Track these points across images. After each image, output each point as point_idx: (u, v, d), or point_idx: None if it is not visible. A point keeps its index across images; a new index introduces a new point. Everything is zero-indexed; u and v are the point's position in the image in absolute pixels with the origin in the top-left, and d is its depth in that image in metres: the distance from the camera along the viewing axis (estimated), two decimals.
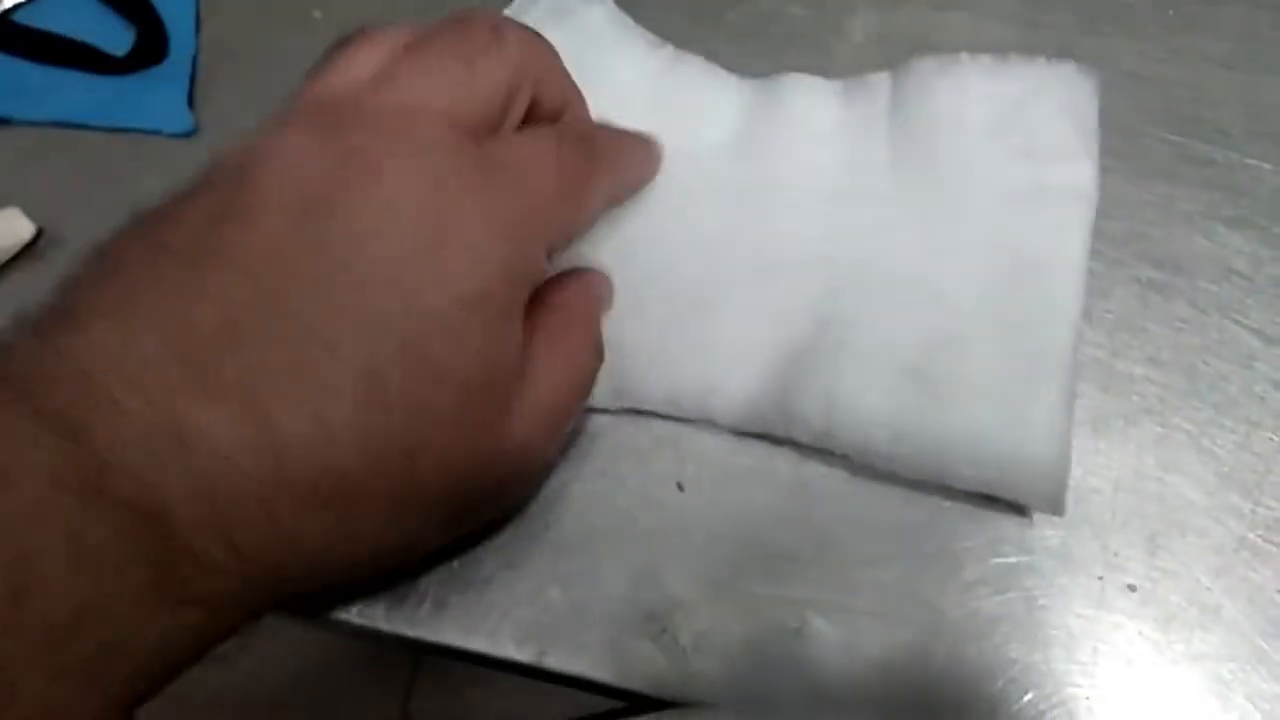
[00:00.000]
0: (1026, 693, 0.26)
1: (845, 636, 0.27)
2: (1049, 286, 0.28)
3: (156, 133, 0.35)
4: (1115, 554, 0.27)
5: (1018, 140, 0.30)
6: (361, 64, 0.25)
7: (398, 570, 0.28)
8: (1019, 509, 0.28)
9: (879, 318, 0.29)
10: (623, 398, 0.30)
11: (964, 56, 0.31)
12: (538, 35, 0.27)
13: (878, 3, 0.35)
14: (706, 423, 0.29)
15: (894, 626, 0.27)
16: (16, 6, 0.37)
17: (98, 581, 0.19)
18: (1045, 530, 0.28)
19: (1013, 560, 0.28)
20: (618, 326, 0.29)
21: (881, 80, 0.32)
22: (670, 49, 0.33)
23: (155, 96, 0.35)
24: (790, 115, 0.31)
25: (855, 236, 0.30)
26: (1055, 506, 0.27)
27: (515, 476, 0.26)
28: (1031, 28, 0.34)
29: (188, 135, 0.35)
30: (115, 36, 0.36)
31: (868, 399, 0.28)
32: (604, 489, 0.29)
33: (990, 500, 0.28)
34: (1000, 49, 0.33)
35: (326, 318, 0.21)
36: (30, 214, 0.34)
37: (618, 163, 0.29)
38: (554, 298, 0.27)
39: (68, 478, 0.19)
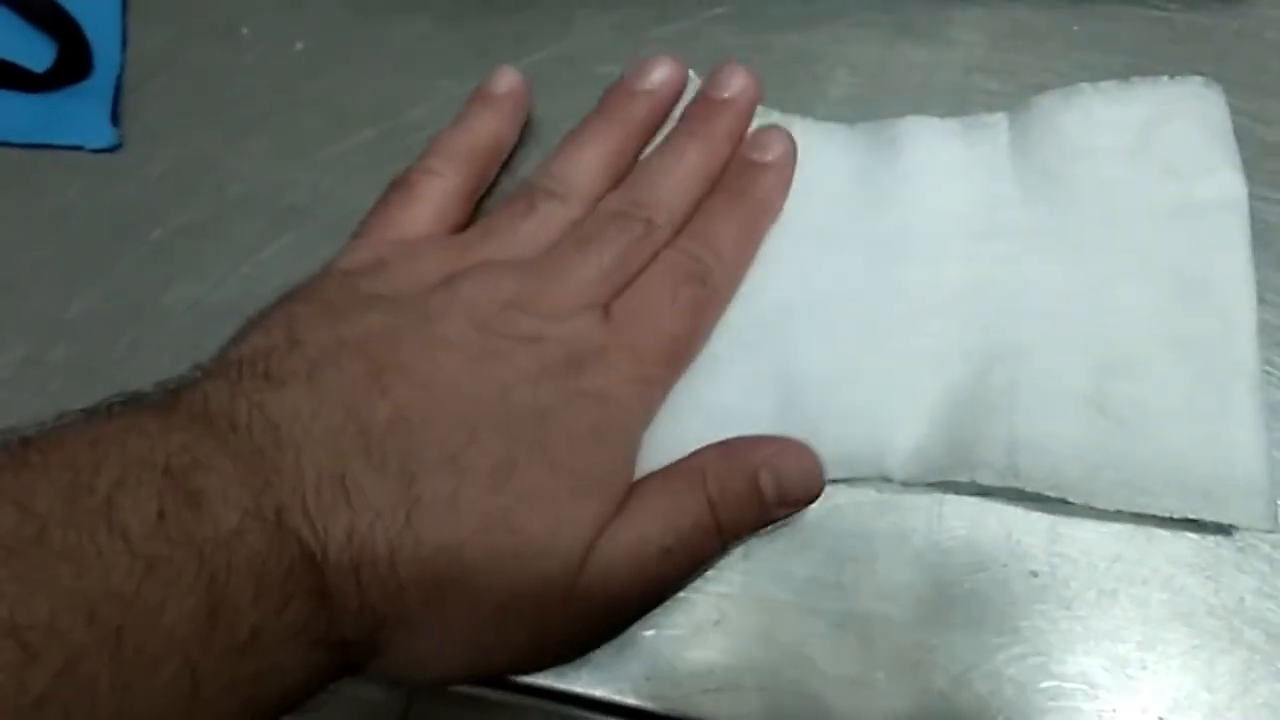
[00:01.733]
0: (933, 674, 0.27)
1: (763, 626, 0.28)
2: (1220, 300, 0.28)
3: (79, 148, 0.36)
4: (1018, 542, 0.28)
5: (1156, 161, 0.30)
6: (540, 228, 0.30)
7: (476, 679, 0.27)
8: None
9: (1044, 352, 0.28)
10: None
11: (1085, 86, 0.31)
12: None
13: (798, 23, 0.36)
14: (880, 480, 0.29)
15: (809, 616, 0.28)
16: None
17: (272, 609, 0.21)
18: (953, 521, 0.29)
19: (922, 549, 0.28)
20: (775, 400, 0.29)
21: (999, 119, 0.32)
22: (776, 114, 0.33)
23: (78, 112, 0.35)
24: (909, 161, 0.31)
25: (999, 273, 0.30)
26: (1268, 523, 0.26)
27: (595, 598, 0.26)
28: (942, 44, 0.36)
29: (111, 150, 0.36)
30: (38, 52, 0.36)
31: (1052, 436, 0.27)
32: None
33: (901, 489, 0.29)
34: (911, 66, 0.35)
35: (478, 420, 0.25)
36: None
37: (737, 265, 0.30)
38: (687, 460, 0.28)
39: (258, 512, 0.22)
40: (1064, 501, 0.27)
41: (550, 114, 0.35)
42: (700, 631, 0.28)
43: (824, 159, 0.32)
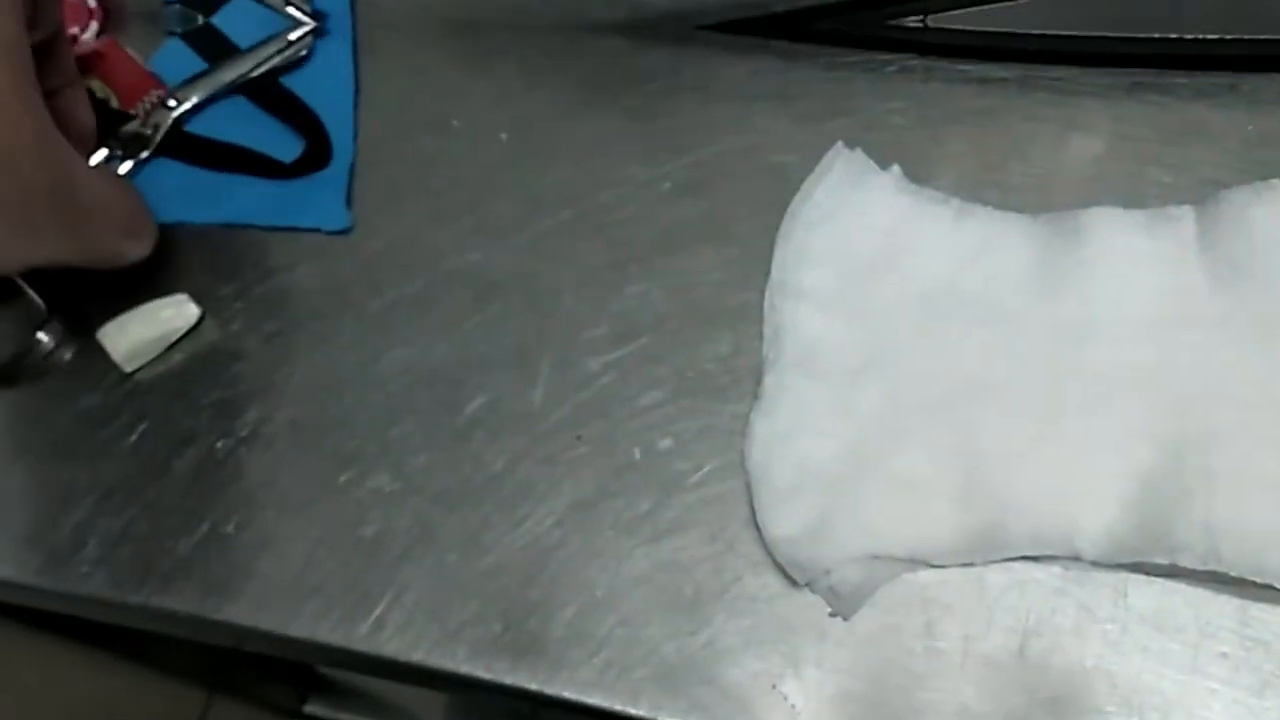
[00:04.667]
0: None
1: None
2: None
3: (316, 230, 0.39)
4: (1208, 622, 0.28)
5: None
6: None
7: None
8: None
9: (1239, 438, 0.29)
10: (989, 551, 0.30)
11: (1276, 182, 0.32)
12: None
13: (972, 116, 0.38)
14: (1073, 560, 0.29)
15: (1003, 691, 0.29)
16: (185, 115, 0.41)
17: None
18: (1137, 600, 0.29)
19: (1108, 627, 0.29)
20: (961, 475, 0.30)
21: (1185, 212, 0.33)
22: (957, 201, 0.35)
23: (317, 197, 0.39)
24: (1093, 249, 0.32)
25: (1188, 359, 0.30)
26: None
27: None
28: (1114, 139, 0.37)
29: (342, 232, 0.39)
30: (281, 143, 0.40)
31: (1253, 521, 0.28)
32: None
33: (1087, 567, 0.29)
34: (1083, 159, 0.36)
35: None
36: (196, 300, 0.38)
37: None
38: None
39: None
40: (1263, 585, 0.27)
41: (731, 200, 0.38)
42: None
43: (1007, 246, 0.33)
